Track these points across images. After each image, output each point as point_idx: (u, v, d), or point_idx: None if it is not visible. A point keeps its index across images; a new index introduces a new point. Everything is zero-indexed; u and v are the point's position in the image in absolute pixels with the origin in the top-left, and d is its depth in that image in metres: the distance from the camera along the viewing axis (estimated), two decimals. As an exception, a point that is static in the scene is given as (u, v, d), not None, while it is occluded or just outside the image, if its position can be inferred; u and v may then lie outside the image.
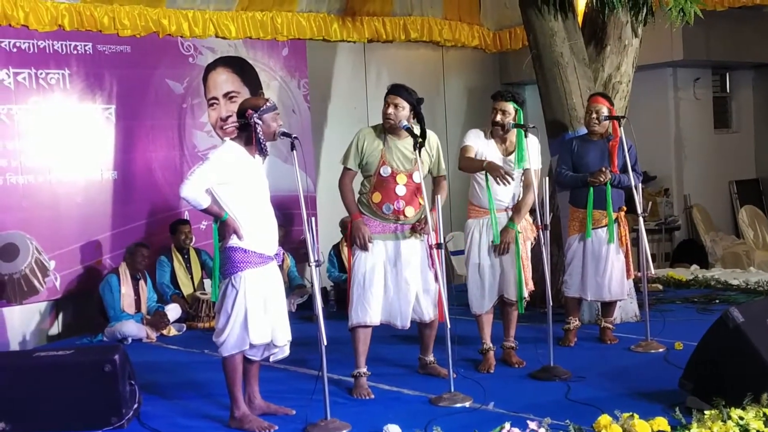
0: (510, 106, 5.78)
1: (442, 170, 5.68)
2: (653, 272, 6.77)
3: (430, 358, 5.91)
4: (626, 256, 6.48)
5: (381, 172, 5.45)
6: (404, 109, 5.39)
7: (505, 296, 5.95)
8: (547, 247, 5.77)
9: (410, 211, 5.49)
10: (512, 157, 5.84)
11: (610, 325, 6.60)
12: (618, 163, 6.42)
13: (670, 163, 11.38)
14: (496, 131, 5.84)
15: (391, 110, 5.39)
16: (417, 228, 5.49)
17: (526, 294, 5.88)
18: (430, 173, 5.67)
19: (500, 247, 5.82)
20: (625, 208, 6.55)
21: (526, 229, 5.92)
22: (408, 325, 5.64)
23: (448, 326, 5.10)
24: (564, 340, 6.51)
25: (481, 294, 5.94)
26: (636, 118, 7.58)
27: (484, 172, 5.73)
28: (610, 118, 6.43)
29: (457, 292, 6.28)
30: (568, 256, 6.65)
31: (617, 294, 6.55)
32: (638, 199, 6.36)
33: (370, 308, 5.48)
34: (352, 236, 5.47)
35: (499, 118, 5.80)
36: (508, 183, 5.56)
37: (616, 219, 6.45)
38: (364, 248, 5.44)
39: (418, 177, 5.47)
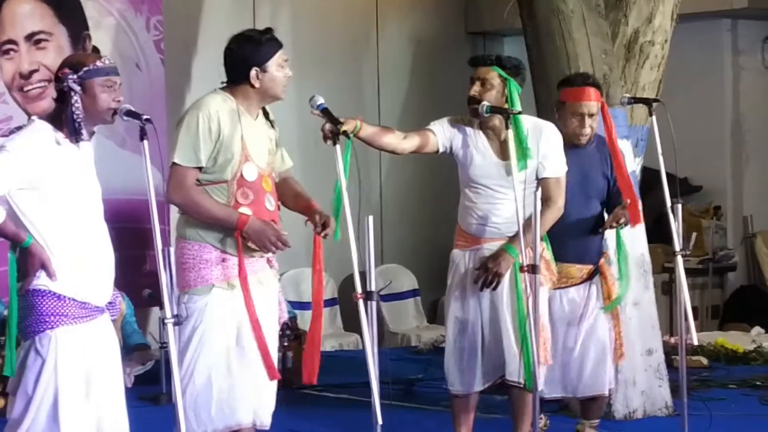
0: (494, 74, 4.47)
1: (287, 163, 4.30)
2: (695, 340, 5.01)
3: None
4: (615, 327, 5.03)
5: (244, 173, 4.03)
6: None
7: (506, 377, 4.58)
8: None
9: None
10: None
11: (594, 430, 5.17)
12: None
13: (723, 167, 9.41)
14: (474, 114, 4.51)
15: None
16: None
17: (539, 371, 4.40)
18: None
19: (485, 277, 4.45)
20: (606, 253, 5.14)
21: (542, 268, 4.51)
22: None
23: (379, 422, 3.65)
24: None
25: (463, 365, 4.59)
26: (675, 98, 6.25)
27: (477, 181, 4.60)
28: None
29: (390, 360, 4.94)
30: None
31: (599, 387, 4.97)
32: (675, 225, 4.71)
33: (240, 403, 4.05)
34: (256, 244, 3.97)
35: (474, 91, 4.49)
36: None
37: (597, 271, 4.97)
38: (285, 246, 4.02)
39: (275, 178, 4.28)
